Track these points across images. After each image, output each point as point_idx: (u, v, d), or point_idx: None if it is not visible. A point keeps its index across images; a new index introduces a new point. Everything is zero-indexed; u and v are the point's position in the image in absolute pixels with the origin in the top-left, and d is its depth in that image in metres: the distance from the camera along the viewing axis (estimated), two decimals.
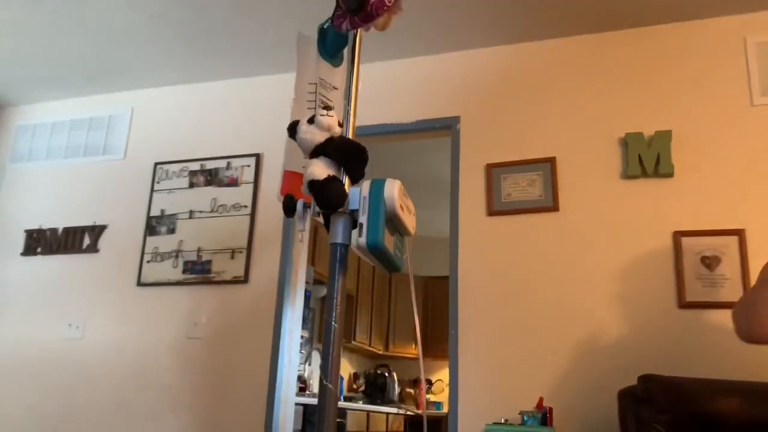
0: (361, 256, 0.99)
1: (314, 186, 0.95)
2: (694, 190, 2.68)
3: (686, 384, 2.23)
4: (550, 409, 2.49)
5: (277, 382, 2.99)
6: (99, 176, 3.66)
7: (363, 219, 0.93)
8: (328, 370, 0.86)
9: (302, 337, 4.75)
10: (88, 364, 3.29)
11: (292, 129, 1.05)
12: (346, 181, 1.00)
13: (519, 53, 3.13)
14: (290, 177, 1.00)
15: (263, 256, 3.21)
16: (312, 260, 4.81)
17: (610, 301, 2.66)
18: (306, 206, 0.99)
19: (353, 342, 5.62)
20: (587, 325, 2.65)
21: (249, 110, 3.51)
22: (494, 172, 3.01)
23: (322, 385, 0.85)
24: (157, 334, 3.24)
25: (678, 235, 2.64)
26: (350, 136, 1.04)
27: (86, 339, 3.34)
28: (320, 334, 5.51)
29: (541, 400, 2.52)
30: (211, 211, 3.36)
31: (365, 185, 0.96)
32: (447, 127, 3.18)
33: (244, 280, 3.18)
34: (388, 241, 0.93)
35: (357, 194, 0.96)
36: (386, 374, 6.12)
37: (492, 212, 2.95)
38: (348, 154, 0.99)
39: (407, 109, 3.23)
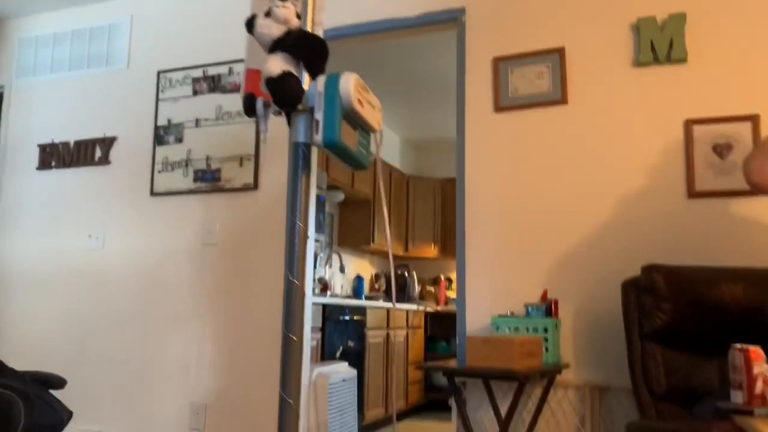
0: (331, 154, 0.97)
1: (270, 83, 0.92)
2: (707, 77, 2.56)
3: (689, 272, 2.23)
4: (555, 301, 2.53)
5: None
6: (104, 87, 3.65)
7: (319, 116, 0.90)
8: (294, 267, 0.87)
9: (318, 240, 4.84)
10: (110, 273, 3.42)
11: (250, 24, 1.01)
12: (306, 77, 0.97)
13: None
14: (252, 75, 0.97)
15: (271, 162, 3.21)
16: (326, 166, 4.81)
17: (618, 193, 2.62)
18: (267, 105, 0.97)
19: (372, 244, 5.71)
20: (594, 218, 2.64)
21: (249, 13, 3.40)
22: (501, 65, 2.91)
23: (288, 281, 0.86)
24: (174, 241, 3.32)
25: (690, 124, 2.56)
26: (309, 27, 0.99)
27: (107, 249, 3.45)
28: (339, 237, 5.61)
29: (545, 292, 2.55)
30: (217, 119, 3.35)
31: (320, 80, 0.93)
32: (452, 20, 3.05)
33: (254, 186, 3.21)
34: (349, 138, 0.91)
35: (314, 90, 0.93)
36: (406, 274, 6.25)
37: (499, 108, 2.88)
38: (305, 47, 0.95)
39: (409, 2, 3.10)
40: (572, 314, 2.61)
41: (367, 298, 5.62)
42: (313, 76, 0.97)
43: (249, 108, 0.98)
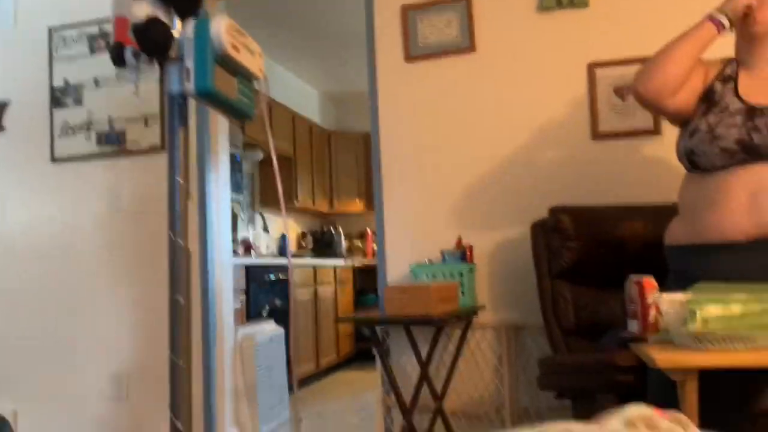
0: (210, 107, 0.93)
1: (136, 30, 0.87)
2: (608, 20, 2.62)
3: (593, 211, 2.32)
4: (470, 246, 2.59)
5: (208, 247, 3.01)
6: None
7: (189, 63, 0.86)
8: (176, 225, 0.83)
9: (237, 201, 4.74)
10: (14, 245, 3.24)
11: None
12: (178, 23, 0.91)
13: None
14: (120, 23, 0.90)
15: None
16: (242, 124, 4.67)
17: (527, 138, 2.68)
18: (137, 54, 0.91)
19: (296, 202, 5.65)
20: (505, 164, 2.69)
21: None
22: (410, 14, 2.87)
23: (171, 241, 0.83)
24: (80, 209, 3.17)
25: (592, 67, 2.62)
26: None
27: (8, 220, 3.25)
28: (261, 197, 5.51)
29: (459, 239, 2.60)
30: (118, 78, 3.17)
31: (190, 25, 0.88)
32: None
33: (161, 148, 3.08)
34: (226, 86, 0.87)
35: (184, 37, 0.87)
36: (332, 230, 6.24)
37: (410, 58, 2.86)
38: None
39: None
40: (487, 258, 2.67)
41: (295, 256, 5.59)
42: (184, 19, 0.91)
43: (118, 58, 0.92)
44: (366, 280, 5.97)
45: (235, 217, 4.66)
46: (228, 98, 0.89)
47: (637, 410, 0.81)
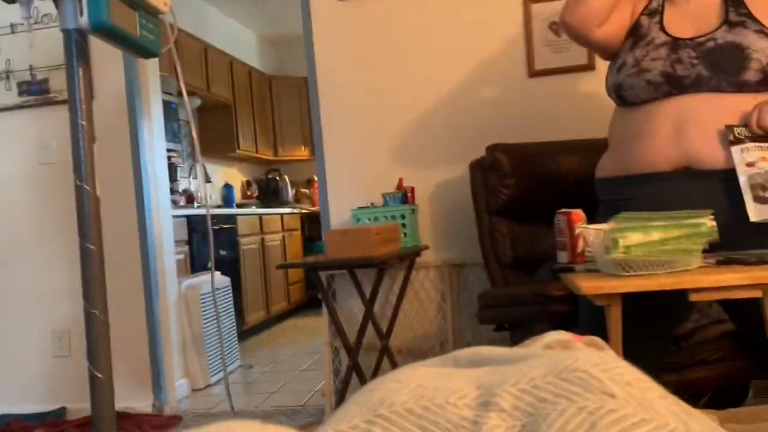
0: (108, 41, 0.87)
1: None
2: None
3: (529, 149, 2.35)
4: (411, 188, 2.60)
5: (144, 196, 2.93)
6: None
7: None
8: (82, 171, 0.79)
9: (175, 151, 4.61)
10: None
11: None
12: None
13: None
14: None
15: (105, 67, 2.94)
16: (174, 69, 4.50)
17: (464, 78, 2.66)
18: None
19: (238, 151, 5.54)
20: (442, 104, 2.68)
21: None
22: None
23: (77, 187, 0.80)
24: (7, 164, 3.03)
25: (528, 2, 2.61)
26: None
27: None
28: (201, 146, 5.37)
29: (400, 180, 2.60)
30: (36, 23, 2.98)
31: None
32: None
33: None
34: (125, 21, 0.82)
35: None
36: (277, 178, 6.17)
37: None
38: None
39: None
40: (428, 198, 2.69)
41: (239, 205, 5.52)
42: None
43: None
44: (314, 228, 5.96)
45: (174, 168, 4.54)
46: (128, 33, 0.84)
47: (556, 336, 0.83)
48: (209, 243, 1.39)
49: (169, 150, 4.14)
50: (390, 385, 0.39)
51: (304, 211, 6.03)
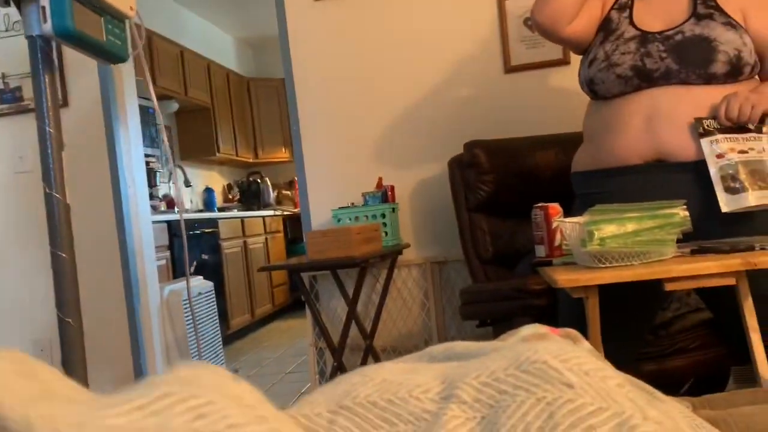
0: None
1: None
2: None
3: (507, 145, 2.37)
4: (391, 186, 2.60)
5: (123, 202, 2.90)
6: None
7: (45, 1, 0.79)
8: (52, 178, 0.79)
9: (154, 156, 4.57)
10: None
11: None
12: None
13: None
14: None
15: (80, 75, 2.91)
16: (152, 74, 4.47)
17: (441, 76, 2.68)
18: None
19: (218, 154, 5.51)
20: (420, 102, 2.69)
21: None
22: None
23: (47, 194, 0.79)
24: None
25: (502, 0, 2.62)
26: None
27: None
28: (181, 151, 5.34)
29: (380, 180, 2.61)
30: (7, 30, 2.95)
31: None
32: None
33: (63, 104, 2.91)
34: (89, 26, 0.81)
35: None
36: (259, 180, 6.15)
37: None
38: None
39: None
40: (408, 197, 2.70)
41: (221, 209, 5.49)
42: None
43: None
44: (297, 229, 5.95)
45: (153, 173, 4.50)
46: (95, 39, 0.83)
47: (533, 329, 0.84)
48: (184, 248, 1.38)
49: (147, 155, 4.11)
50: (356, 378, 0.40)
51: (286, 213, 6.01)
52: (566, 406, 0.33)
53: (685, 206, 1.34)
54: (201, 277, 3.72)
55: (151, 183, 4.33)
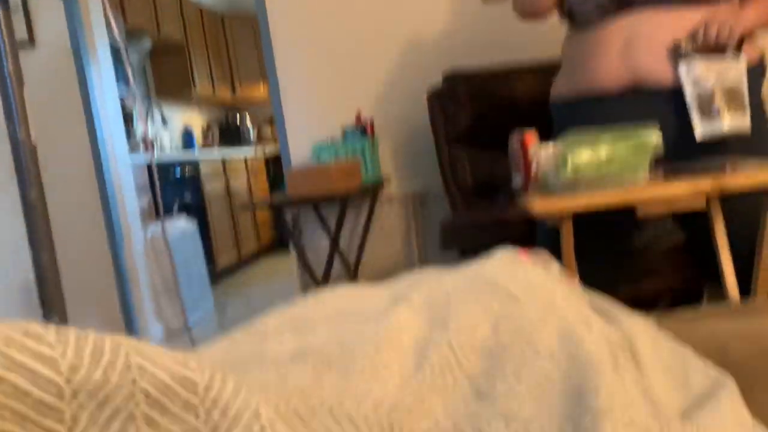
0: None
1: None
2: None
3: (485, 74, 2.34)
4: (371, 120, 2.58)
5: (99, 142, 2.86)
6: None
7: None
8: (14, 116, 0.77)
9: (132, 95, 4.47)
10: None
11: None
12: None
13: None
14: None
15: (45, 12, 2.81)
16: (122, 10, 4.32)
17: (417, 3, 2.61)
18: None
19: (195, 89, 5.40)
20: (398, 31, 2.63)
21: None
22: None
23: (10, 134, 0.78)
24: None
25: None
26: None
27: None
28: (157, 89, 5.23)
29: (359, 113, 2.58)
30: None
31: None
32: None
33: (30, 43, 2.82)
34: None
35: None
36: (238, 118, 6.06)
37: None
38: None
39: None
40: (388, 131, 2.68)
41: (201, 149, 5.43)
42: None
43: None
44: (279, 169, 5.91)
45: (129, 114, 4.41)
46: None
47: (504, 252, 0.86)
48: (156, 187, 1.38)
49: (122, 97, 4.02)
50: (310, 301, 0.41)
51: (268, 154, 5.96)
52: (511, 315, 0.35)
53: (659, 130, 1.34)
54: (184, 216, 3.71)
55: (129, 124, 4.25)
